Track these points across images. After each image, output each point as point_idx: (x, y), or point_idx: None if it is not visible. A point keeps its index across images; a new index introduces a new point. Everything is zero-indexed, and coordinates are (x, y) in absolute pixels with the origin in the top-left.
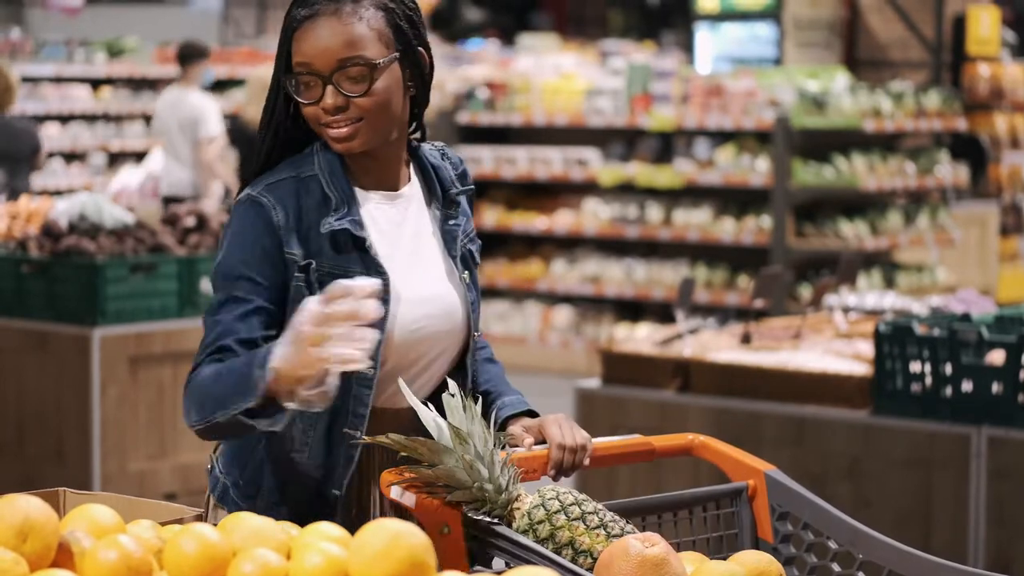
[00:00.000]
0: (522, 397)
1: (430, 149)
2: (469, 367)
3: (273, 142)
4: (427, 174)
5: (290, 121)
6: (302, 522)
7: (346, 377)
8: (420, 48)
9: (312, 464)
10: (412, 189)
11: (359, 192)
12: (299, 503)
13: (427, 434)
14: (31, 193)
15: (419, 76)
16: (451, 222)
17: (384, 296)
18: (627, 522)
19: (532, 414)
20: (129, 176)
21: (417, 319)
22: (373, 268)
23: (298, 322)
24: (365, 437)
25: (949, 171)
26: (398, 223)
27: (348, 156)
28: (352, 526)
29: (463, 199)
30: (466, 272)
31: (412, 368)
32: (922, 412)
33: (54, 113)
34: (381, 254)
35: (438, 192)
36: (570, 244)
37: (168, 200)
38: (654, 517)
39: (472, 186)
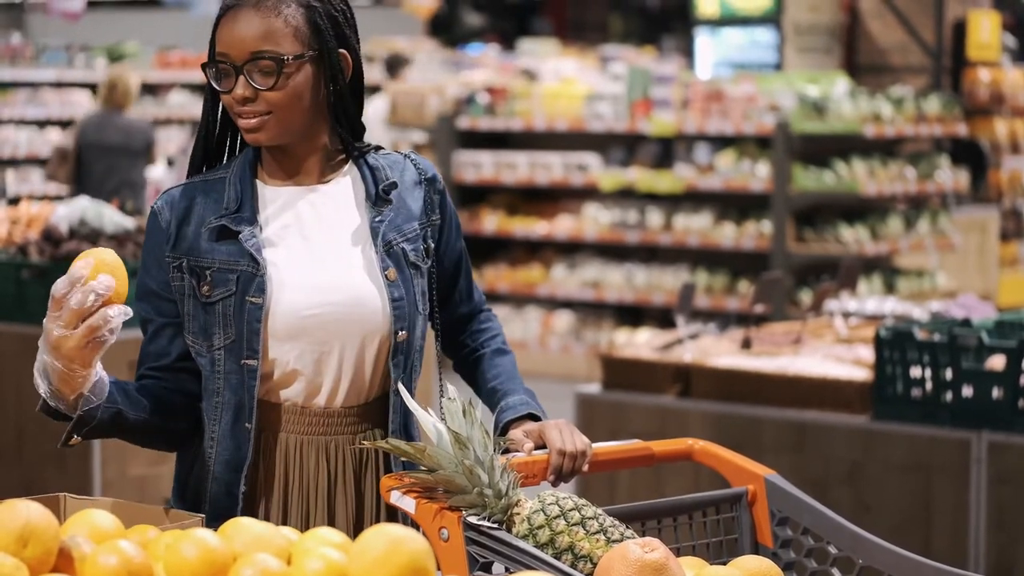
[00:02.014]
0: (525, 398)
1: (385, 155)
2: (410, 367)
3: (209, 133)
4: (364, 175)
5: (218, 115)
6: (218, 523)
7: (239, 372)
8: (342, 50)
9: (224, 460)
10: (337, 187)
11: (268, 188)
12: (215, 506)
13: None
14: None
15: (336, 80)
16: (377, 219)
17: (262, 286)
18: (627, 527)
19: (534, 417)
20: None
21: (312, 305)
22: (251, 260)
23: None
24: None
25: (949, 176)
26: (309, 218)
27: (263, 153)
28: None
29: (404, 195)
30: (392, 268)
31: (321, 358)
32: (922, 417)
33: (55, 118)
34: (274, 246)
35: (372, 191)
36: (570, 249)
37: None
38: (654, 522)
39: (438, 187)
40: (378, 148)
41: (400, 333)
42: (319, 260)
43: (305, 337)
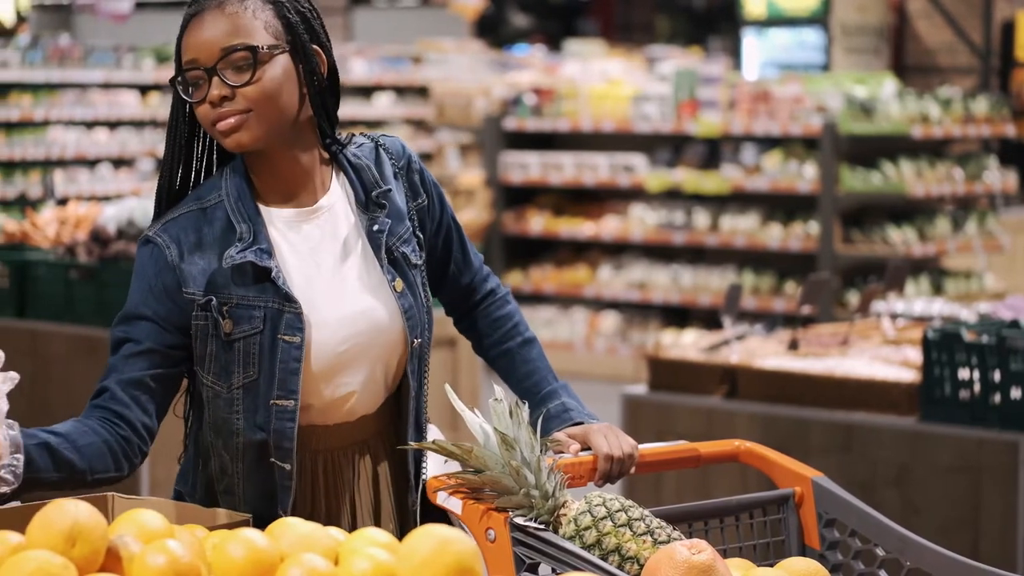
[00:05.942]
0: (564, 403)
1: (359, 147)
2: (413, 375)
3: (178, 159)
4: (350, 178)
5: (193, 132)
6: None
7: (261, 411)
8: (315, 46)
9: (258, 494)
10: (332, 199)
11: (270, 212)
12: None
13: (399, 443)
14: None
15: (314, 74)
16: (375, 228)
17: (298, 325)
18: (674, 528)
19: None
20: None
21: (345, 339)
22: (283, 298)
23: None
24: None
25: (997, 177)
26: (317, 240)
27: (254, 173)
28: None
29: (393, 196)
30: (398, 278)
31: (348, 385)
32: (970, 419)
33: (102, 119)
34: (296, 279)
35: (361, 196)
36: (617, 250)
37: None
38: (701, 523)
39: (413, 167)
40: (351, 137)
41: (415, 341)
42: (338, 288)
43: (338, 371)
